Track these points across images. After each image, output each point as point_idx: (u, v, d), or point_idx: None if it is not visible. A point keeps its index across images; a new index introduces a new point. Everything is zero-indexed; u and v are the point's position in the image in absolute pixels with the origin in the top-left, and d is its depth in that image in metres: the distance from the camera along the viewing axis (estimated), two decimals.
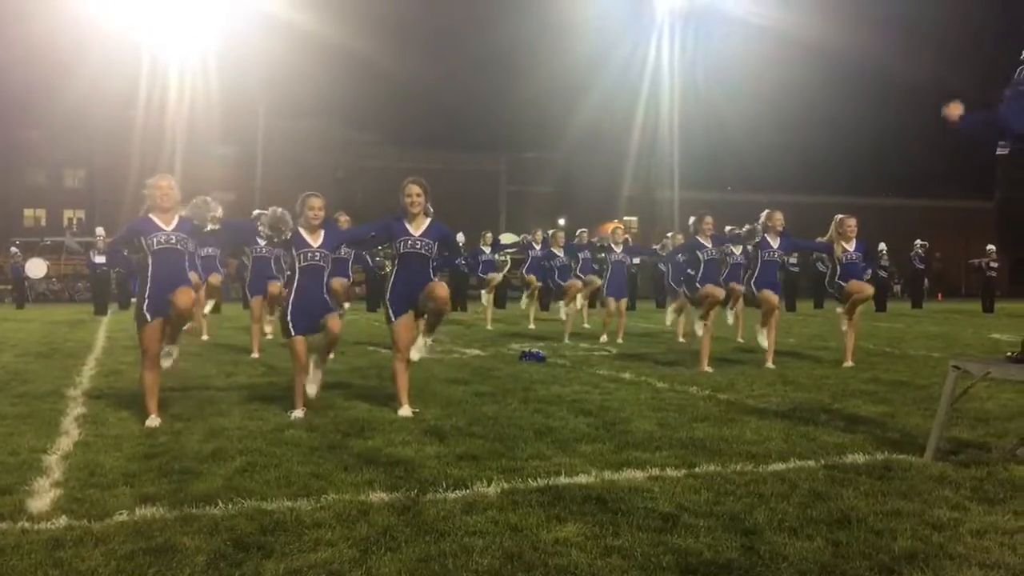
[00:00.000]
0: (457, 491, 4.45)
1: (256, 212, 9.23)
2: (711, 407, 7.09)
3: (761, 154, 49.82)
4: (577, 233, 16.70)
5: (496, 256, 19.31)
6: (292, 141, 48.57)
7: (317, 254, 6.90)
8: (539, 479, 4.68)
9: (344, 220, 11.68)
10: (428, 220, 6.96)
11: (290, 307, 6.85)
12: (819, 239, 11.00)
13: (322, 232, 7.00)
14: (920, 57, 49.49)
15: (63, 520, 3.96)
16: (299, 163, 48.66)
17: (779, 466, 5.00)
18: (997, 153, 4.83)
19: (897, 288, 38.99)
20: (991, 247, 23.60)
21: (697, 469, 4.92)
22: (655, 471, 4.87)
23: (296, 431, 6.00)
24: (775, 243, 10.28)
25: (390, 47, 44.76)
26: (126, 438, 5.78)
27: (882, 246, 26.20)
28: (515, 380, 8.72)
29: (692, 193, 41.97)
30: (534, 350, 11.07)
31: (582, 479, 4.70)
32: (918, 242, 26.95)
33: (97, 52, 36.72)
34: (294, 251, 6.87)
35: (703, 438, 5.79)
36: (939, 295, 41.01)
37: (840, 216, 10.75)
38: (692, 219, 10.58)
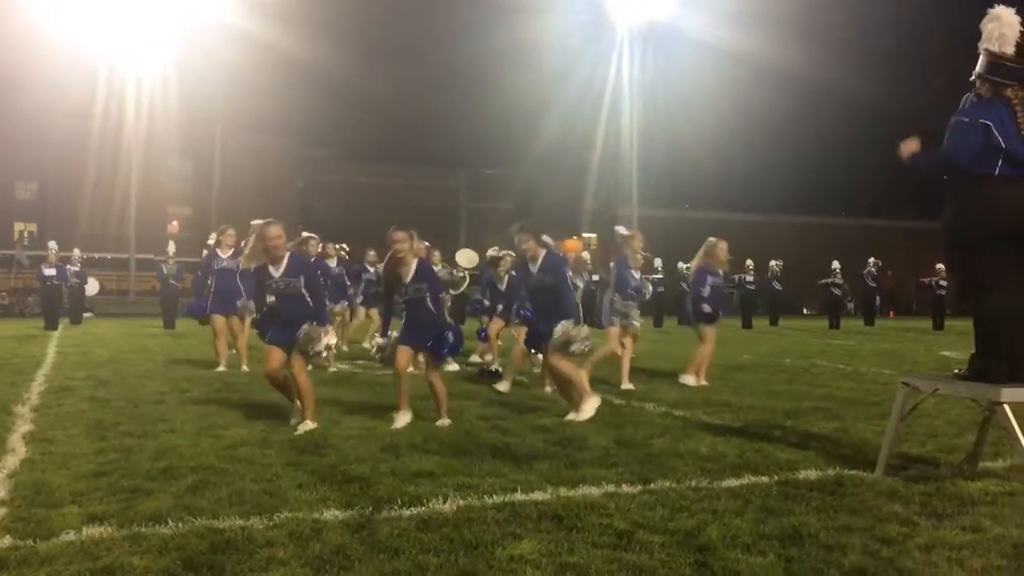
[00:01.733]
0: (412, 508, 4.42)
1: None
2: (667, 423, 7.13)
3: (719, 172, 50.55)
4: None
5: (454, 272, 19.25)
6: (251, 155, 48.20)
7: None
8: (495, 496, 4.67)
9: (312, 241, 11.51)
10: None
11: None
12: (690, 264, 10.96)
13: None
14: (876, 79, 50.61)
15: (7, 540, 3.86)
16: (258, 177, 48.31)
17: (733, 482, 5.04)
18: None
19: (850, 306, 39.59)
20: (941, 266, 24.07)
21: (652, 485, 4.94)
22: (611, 487, 4.88)
23: (250, 448, 5.92)
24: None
25: (351, 62, 44.67)
26: (74, 456, 5.66)
27: (836, 264, 26.65)
28: (472, 397, 8.70)
29: (652, 211, 42.38)
30: (493, 367, 11.05)
31: (538, 496, 4.69)
32: (871, 260, 27.39)
33: (51, 62, 36.19)
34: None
35: (658, 454, 5.82)
36: (891, 313, 41.76)
37: (714, 239, 10.43)
38: (621, 233, 10.16)
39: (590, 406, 7.27)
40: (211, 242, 11.87)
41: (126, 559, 3.62)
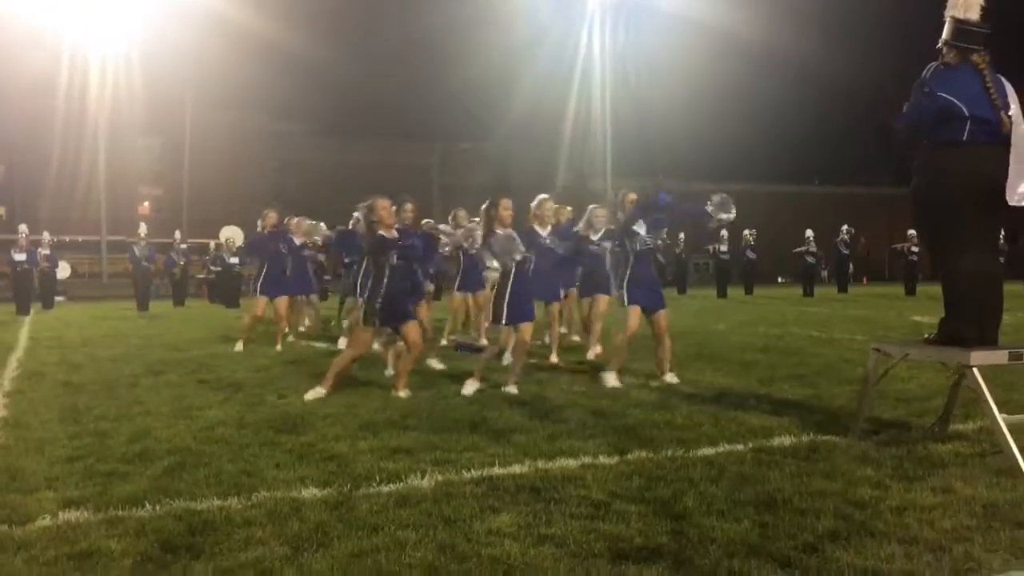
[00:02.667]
0: (391, 485, 4.44)
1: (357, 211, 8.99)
2: (643, 394, 7.18)
3: (691, 143, 50.47)
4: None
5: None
6: (221, 132, 47.57)
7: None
8: (473, 470, 4.70)
9: (271, 216, 11.57)
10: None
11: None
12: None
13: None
14: (846, 49, 50.64)
15: None
16: (229, 155, 47.76)
17: (708, 451, 5.10)
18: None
19: (824, 274, 39.94)
20: (912, 232, 24.26)
21: (629, 456, 4.99)
22: (588, 459, 4.92)
23: (227, 429, 5.91)
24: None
25: (318, 36, 44.04)
26: (49, 441, 5.62)
27: (809, 233, 26.82)
28: (450, 373, 8.71)
29: (625, 181, 42.28)
30: (469, 341, 11.06)
31: (516, 469, 4.72)
32: (844, 227, 27.58)
33: (15, 41, 35.44)
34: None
35: (635, 425, 5.86)
36: (864, 279, 42.13)
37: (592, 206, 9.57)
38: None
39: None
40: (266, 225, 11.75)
41: (103, 543, 3.61)
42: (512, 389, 7.42)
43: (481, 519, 3.86)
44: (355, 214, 11.89)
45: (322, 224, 10.93)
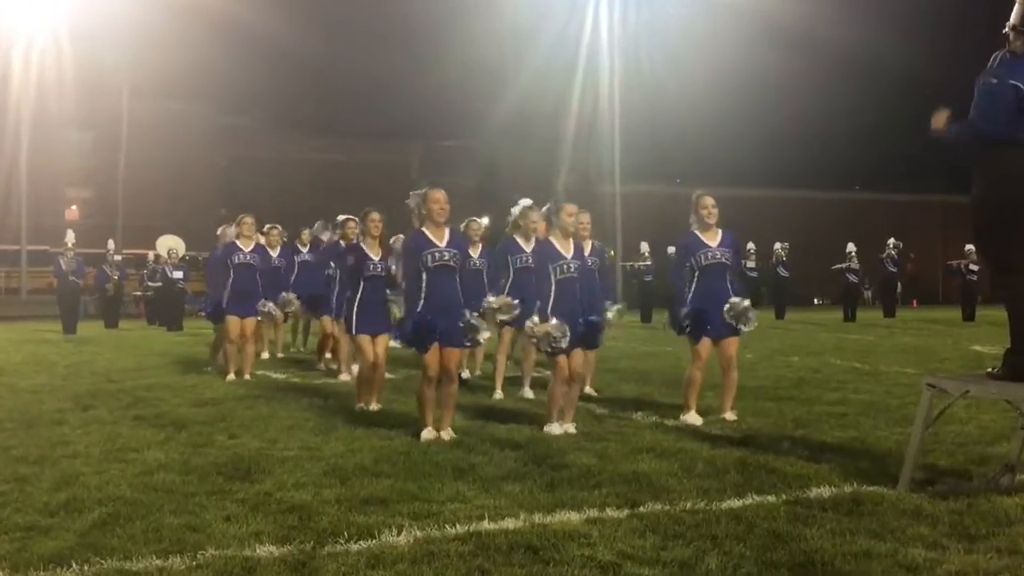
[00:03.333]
0: (361, 542, 4.42)
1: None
2: (657, 436, 7.18)
3: (716, 143, 50.67)
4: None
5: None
6: (163, 126, 47.57)
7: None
8: (459, 525, 4.68)
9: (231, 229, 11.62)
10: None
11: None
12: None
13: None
14: (898, 34, 50.91)
15: None
16: (172, 152, 47.72)
17: (734, 503, 5.09)
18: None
19: (867, 294, 40.08)
20: (971, 247, 24.30)
21: (641, 509, 4.98)
22: (593, 512, 4.91)
23: (168, 474, 5.88)
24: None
25: (277, 14, 44.21)
26: None
27: (851, 247, 26.91)
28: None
29: (636, 186, 42.48)
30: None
31: (509, 524, 4.71)
32: (891, 241, 27.64)
33: None
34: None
35: (648, 472, 5.85)
36: (914, 302, 42.32)
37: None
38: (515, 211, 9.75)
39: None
40: (230, 233, 11.82)
41: None
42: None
43: None
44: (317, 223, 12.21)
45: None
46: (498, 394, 9.67)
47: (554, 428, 7.37)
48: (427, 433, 7.10)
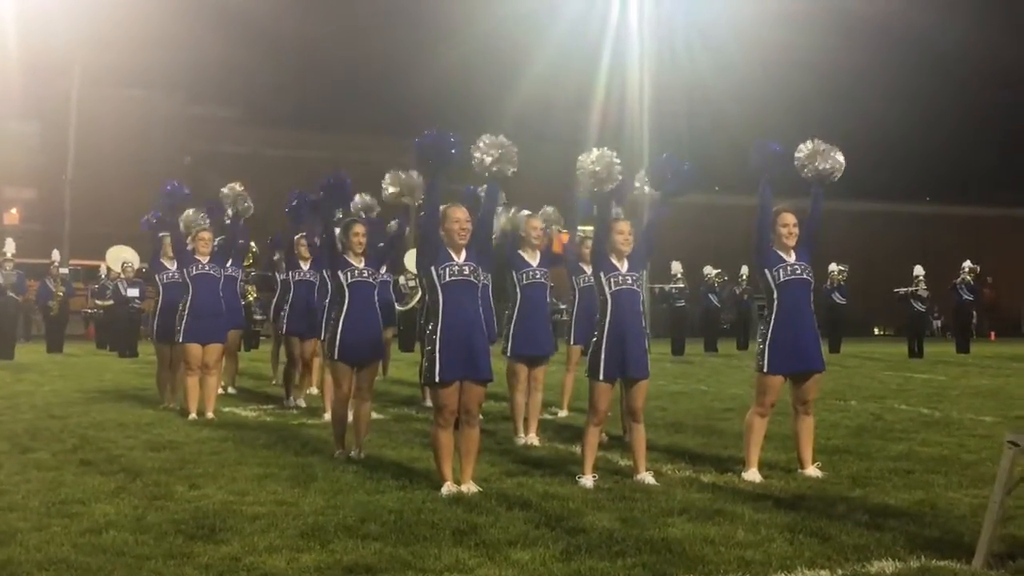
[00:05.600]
0: None
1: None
2: (691, 494, 7.17)
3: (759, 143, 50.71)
4: None
5: (404, 280, 19.36)
6: (119, 117, 47.82)
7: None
8: None
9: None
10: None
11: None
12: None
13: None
14: (974, 18, 50.92)
15: None
16: (128, 146, 47.91)
17: None
18: None
19: (937, 324, 40.00)
20: None
21: None
22: None
23: (120, 532, 5.89)
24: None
25: None
26: None
27: (918, 270, 26.91)
28: (425, 452, 8.68)
29: None
30: None
31: None
32: (967, 264, 27.62)
33: None
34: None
35: (680, 539, 5.84)
36: (992, 334, 42.20)
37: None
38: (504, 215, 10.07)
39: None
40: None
41: None
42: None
43: None
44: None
45: None
46: (525, 439, 9.72)
47: (587, 481, 7.40)
48: (447, 488, 7.08)
